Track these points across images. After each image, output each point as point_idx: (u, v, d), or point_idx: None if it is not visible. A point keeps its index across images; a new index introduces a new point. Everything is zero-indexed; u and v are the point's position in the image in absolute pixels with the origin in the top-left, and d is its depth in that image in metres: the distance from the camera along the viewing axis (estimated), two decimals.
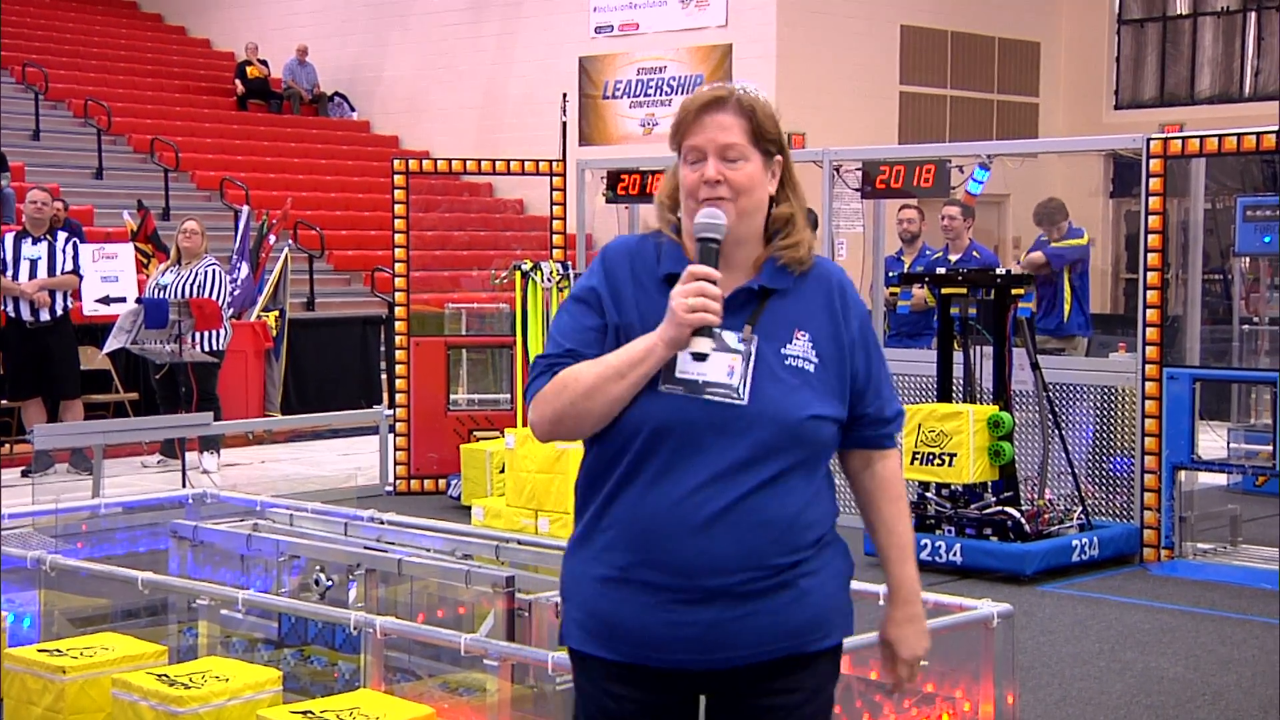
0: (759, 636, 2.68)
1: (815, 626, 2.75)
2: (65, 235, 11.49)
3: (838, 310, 2.78)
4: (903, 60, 21.45)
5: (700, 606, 2.65)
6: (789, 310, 2.75)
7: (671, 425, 2.65)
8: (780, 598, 2.69)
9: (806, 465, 2.72)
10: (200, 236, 11.33)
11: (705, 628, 2.66)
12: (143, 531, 6.01)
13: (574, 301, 2.78)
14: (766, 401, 2.66)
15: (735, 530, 2.64)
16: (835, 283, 2.81)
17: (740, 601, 2.66)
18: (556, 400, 2.68)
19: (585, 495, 2.77)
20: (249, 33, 24.47)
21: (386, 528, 5.56)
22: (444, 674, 4.53)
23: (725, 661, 2.69)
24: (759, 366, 2.68)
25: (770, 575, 2.68)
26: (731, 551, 2.65)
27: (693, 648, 2.67)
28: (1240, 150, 8.05)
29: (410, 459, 10.54)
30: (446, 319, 11.23)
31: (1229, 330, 11.04)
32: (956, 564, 7.89)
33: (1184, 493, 8.23)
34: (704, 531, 2.64)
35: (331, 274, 19.26)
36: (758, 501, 2.65)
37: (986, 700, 4.40)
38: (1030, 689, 5.84)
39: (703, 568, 2.64)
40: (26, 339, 11.18)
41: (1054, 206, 11.02)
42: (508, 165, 11.14)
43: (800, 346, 2.72)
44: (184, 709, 4.15)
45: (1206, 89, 22.50)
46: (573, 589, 2.78)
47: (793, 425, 2.67)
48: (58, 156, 19.62)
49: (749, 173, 2.73)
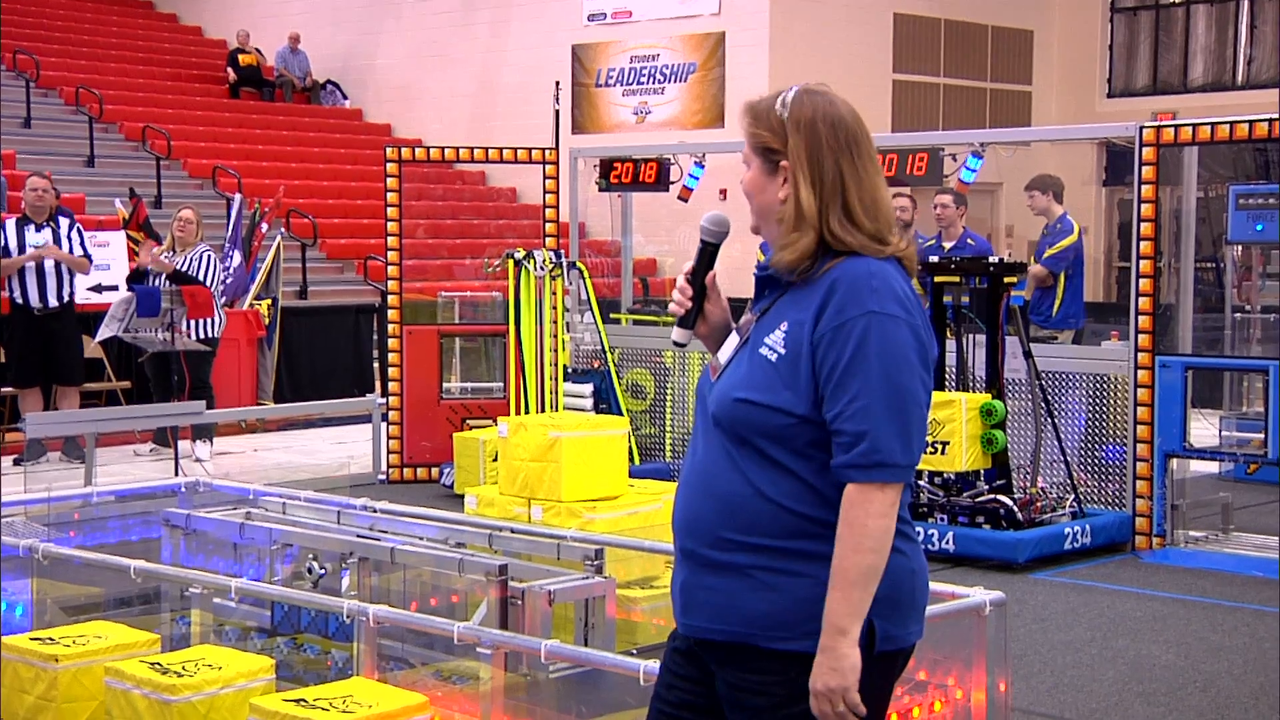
0: (714, 611, 2.78)
1: (776, 624, 2.73)
2: (68, 221, 11.51)
3: (822, 307, 2.75)
4: (896, 48, 21.44)
5: (680, 564, 2.87)
6: (789, 304, 2.81)
7: (699, 399, 2.94)
8: (736, 580, 2.76)
9: (758, 451, 2.74)
10: (195, 226, 11.31)
11: (679, 586, 2.86)
12: (135, 520, 6.01)
13: None
14: (723, 381, 2.84)
15: (698, 495, 2.83)
16: (832, 282, 2.75)
17: (706, 570, 2.80)
18: None
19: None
20: (241, 20, 24.42)
21: (379, 516, 5.56)
22: (437, 662, 4.54)
23: (694, 628, 2.82)
24: (741, 351, 2.84)
25: (722, 549, 2.77)
26: (694, 516, 2.83)
27: (679, 606, 2.87)
28: (1233, 139, 8.06)
29: (403, 447, 10.54)
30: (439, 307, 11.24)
31: (1221, 318, 11.06)
32: (949, 552, 7.91)
33: (1176, 480, 8.24)
34: (685, 493, 2.87)
35: (324, 262, 19.24)
36: (717, 472, 2.80)
37: (979, 688, 4.41)
38: (1022, 676, 5.85)
39: (679, 525, 2.87)
40: (33, 325, 11.22)
41: (1054, 181, 10.90)
42: (500, 153, 11.13)
43: (775, 337, 2.78)
44: (177, 697, 4.15)
45: (1199, 77, 22.51)
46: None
47: (726, 406, 2.80)
48: (49, 144, 19.56)
49: (749, 178, 2.87)
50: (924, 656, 4.42)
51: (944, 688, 4.42)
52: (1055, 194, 10.72)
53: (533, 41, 21.95)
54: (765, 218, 2.86)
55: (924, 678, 4.42)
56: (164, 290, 10.51)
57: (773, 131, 2.82)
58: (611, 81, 21.30)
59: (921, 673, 4.42)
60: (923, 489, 8.10)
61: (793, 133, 2.80)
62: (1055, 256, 10.50)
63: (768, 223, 2.86)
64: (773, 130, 2.82)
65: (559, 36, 21.62)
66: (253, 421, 12.90)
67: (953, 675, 4.43)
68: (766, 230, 2.87)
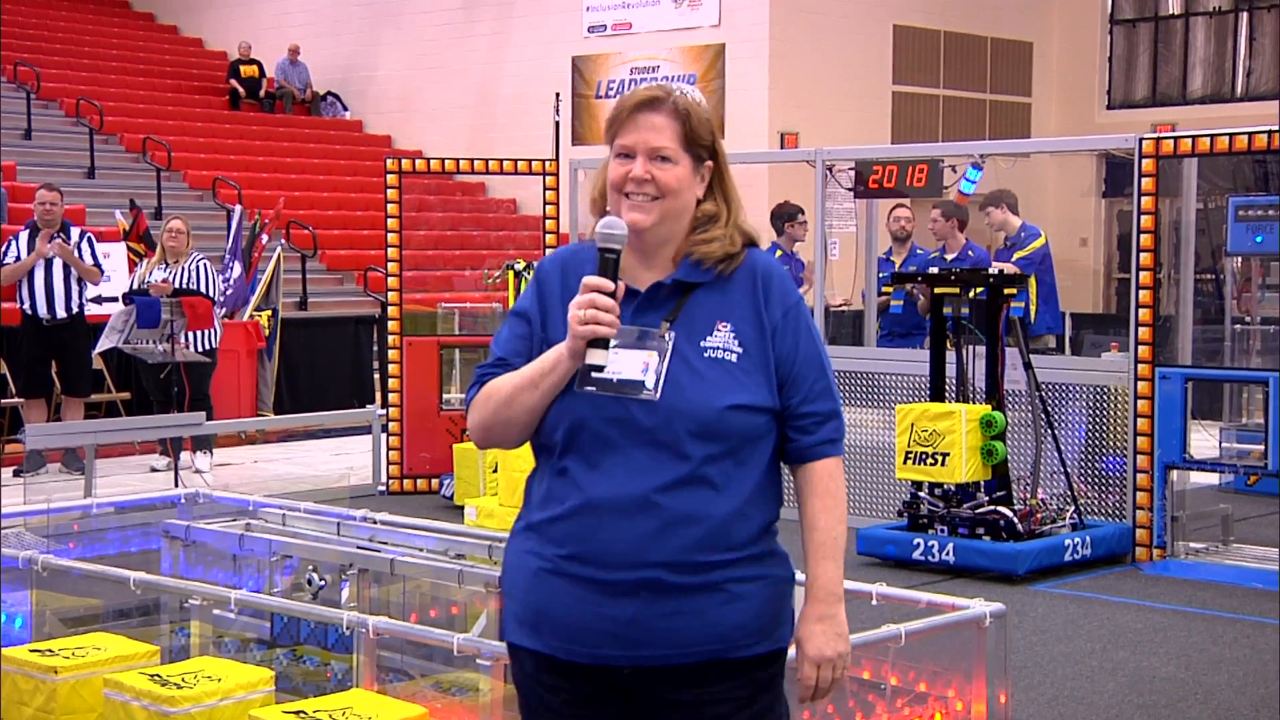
0: (683, 636, 2.69)
1: (746, 633, 2.73)
2: (79, 232, 11.59)
3: (760, 297, 2.78)
4: (895, 60, 21.46)
5: (625, 599, 2.68)
6: (712, 304, 2.77)
7: (584, 422, 2.69)
8: (708, 598, 2.69)
9: (735, 459, 2.72)
10: (186, 237, 11.32)
11: (627, 622, 2.68)
12: (135, 531, 6.00)
13: (512, 315, 2.88)
14: (679, 395, 2.68)
15: (657, 524, 2.66)
16: (760, 271, 2.82)
17: (663, 597, 2.68)
18: (484, 408, 2.79)
19: (527, 488, 2.85)
20: (241, 32, 24.45)
21: (379, 527, 5.55)
22: (436, 674, 4.53)
23: (648, 659, 2.70)
24: (674, 361, 2.70)
25: (695, 572, 2.68)
26: (653, 546, 2.66)
27: (617, 642, 2.69)
28: (1232, 150, 8.06)
29: (403, 459, 10.53)
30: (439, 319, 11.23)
31: (1221, 330, 11.06)
32: (949, 563, 7.89)
33: (1176, 492, 8.23)
34: (627, 524, 2.67)
35: (324, 273, 19.25)
36: (681, 495, 2.67)
37: (979, 700, 4.41)
38: (1023, 688, 5.84)
39: (625, 560, 2.67)
40: (42, 336, 11.29)
41: (1008, 194, 10.83)
42: (500, 165, 11.13)
43: (721, 338, 2.74)
44: (176, 709, 4.15)
45: (1198, 89, 22.54)
46: (510, 580, 2.84)
47: (710, 417, 2.68)
48: (50, 156, 19.58)
49: (677, 175, 2.76)
50: (924, 668, 4.42)
51: (944, 699, 4.41)
52: (1010, 206, 10.69)
53: (533, 53, 21.97)
54: (677, 216, 2.78)
55: (924, 689, 4.42)
56: (164, 301, 10.52)
57: (708, 131, 2.81)
58: (612, 93, 21.31)
59: (922, 684, 4.41)
60: (923, 500, 8.10)
61: (716, 133, 2.84)
62: (1026, 259, 10.52)
63: (675, 220, 2.78)
64: (708, 129, 2.81)
65: (559, 48, 21.64)
66: (252, 433, 12.89)
67: (953, 687, 4.43)
68: (665, 229, 2.77)
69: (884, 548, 8.09)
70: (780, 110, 19.34)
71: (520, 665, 2.83)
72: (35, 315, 11.26)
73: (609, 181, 2.79)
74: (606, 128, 2.83)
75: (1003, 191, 10.79)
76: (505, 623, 2.85)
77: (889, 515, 8.77)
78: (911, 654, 4.36)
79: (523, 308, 2.87)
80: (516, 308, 2.89)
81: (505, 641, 2.87)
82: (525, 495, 2.86)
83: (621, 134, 2.78)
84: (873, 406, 9.26)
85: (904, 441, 7.94)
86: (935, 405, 8.05)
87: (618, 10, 21.30)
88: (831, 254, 10.41)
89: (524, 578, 2.77)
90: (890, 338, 10.78)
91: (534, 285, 2.87)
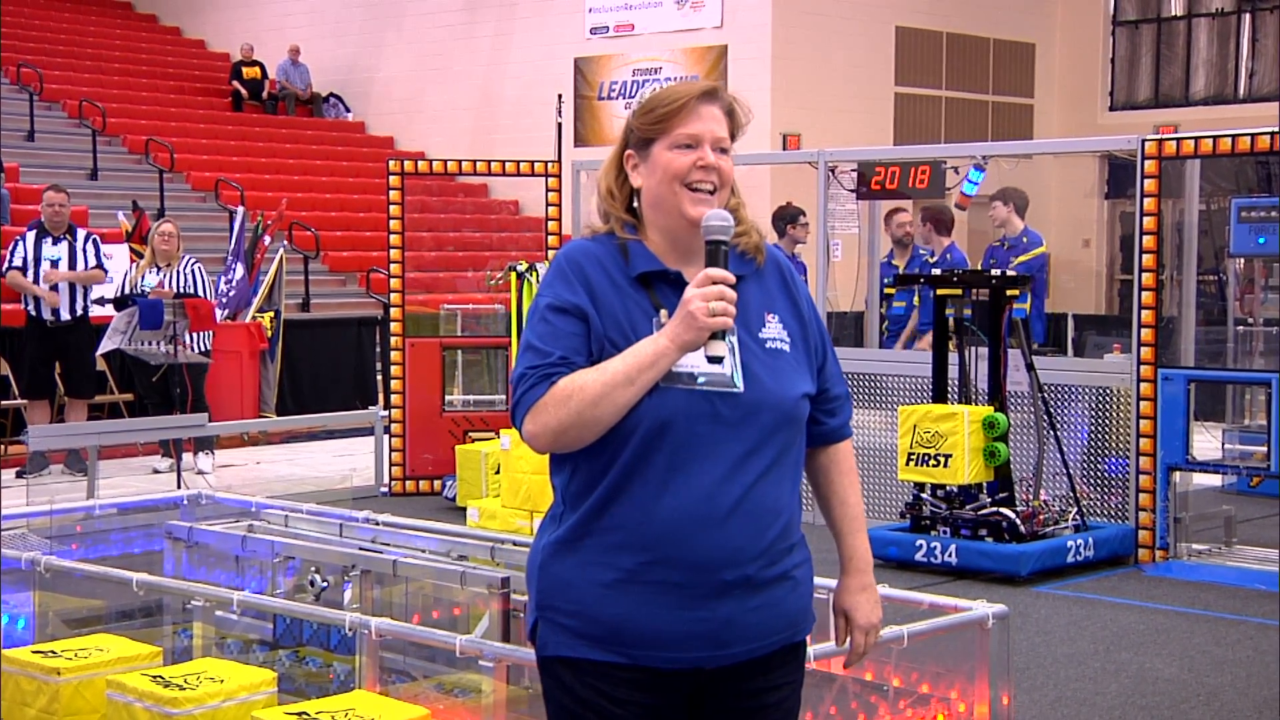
0: (764, 628, 2.73)
1: (807, 615, 2.83)
2: (85, 233, 11.63)
3: (791, 290, 2.85)
4: (898, 61, 21.46)
5: (716, 601, 2.66)
6: (757, 296, 2.78)
7: (672, 420, 2.62)
8: (781, 588, 2.75)
9: (796, 448, 2.78)
10: (177, 240, 11.38)
11: (721, 623, 2.66)
12: (137, 532, 6.00)
13: (553, 311, 2.70)
14: (759, 387, 2.67)
15: (749, 520, 2.66)
16: (782, 263, 2.89)
17: (753, 593, 2.70)
18: (561, 410, 2.61)
19: (576, 499, 2.71)
20: (244, 33, 24.46)
21: (381, 529, 5.55)
22: (439, 675, 4.53)
23: (734, 656, 2.70)
24: (744, 353, 2.67)
25: (775, 564, 2.72)
26: (747, 543, 2.66)
27: (709, 643, 2.67)
28: (1235, 152, 8.06)
29: (405, 460, 10.53)
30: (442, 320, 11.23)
31: (1224, 331, 11.05)
32: (952, 565, 7.89)
33: (1179, 494, 8.24)
34: (723, 524, 2.64)
35: (327, 275, 19.25)
36: (764, 489, 2.68)
37: (982, 701, 4.41)
38: (1025, 690, 5.84)
39: (722, 560, 2.65)
40: (46, 337, 11.35)
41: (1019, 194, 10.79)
42: (503, 166, 11.14)
43: (774, 329, 2.77)
44: (179, 710, 4.15)
45: (1201, 90, 22.53)
46: (567, 595, 2.70)
47: (789, 406, 2.72)
48: (53, 157, 19.60)
49: (732, 167, 2.79)
50: (927, 669, 4.42)
51: (947, 701, 4.41)
52: (1018, 208, 10.68)
53: (535, 54, 21.98)
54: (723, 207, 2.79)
55: (927, 691, 4.42)
56: (166, 303, 10.53)
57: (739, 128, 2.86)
58: (614, 94, 21.32)
59: (924, 686, 4.41)
60: (925, 501, 8.10)
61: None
62: (1024, 265, 10.52)
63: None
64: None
65: (561, 49, 21.64)
66: (255, 434, 12.90)
67: (955, 688, 4.43)
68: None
69: (886, 549, 8.08)
70: (782, 111, 19.33)
71: (582, 680, 2.69)
72: (39, 317, 11.32)
73: (671, 171, 2.71)
74: (652, 120, 2.74)
75: (1014, 191, 10.78)
76: (556, 637, 2.71)
77: (891, 516, 8.77)
78: (914, 655, 4.36)
79: (570, 303, 2.68)
80: (558, 303, 2.69)
81: (556, 657, 2.72)
82: (566, 501, 2.73)
83: (684, 124, 2.73)
84: (875, 408, 9.26)
85: (906, 443, 7.94)
86: (938, 406, 8.05)
87: (620, 12, 21.30)
88: (834, 255, 10.40)
89: (594, 591, 2.66)
90: (894, 338, 10.79)
91: (573, 280, 2.71)
